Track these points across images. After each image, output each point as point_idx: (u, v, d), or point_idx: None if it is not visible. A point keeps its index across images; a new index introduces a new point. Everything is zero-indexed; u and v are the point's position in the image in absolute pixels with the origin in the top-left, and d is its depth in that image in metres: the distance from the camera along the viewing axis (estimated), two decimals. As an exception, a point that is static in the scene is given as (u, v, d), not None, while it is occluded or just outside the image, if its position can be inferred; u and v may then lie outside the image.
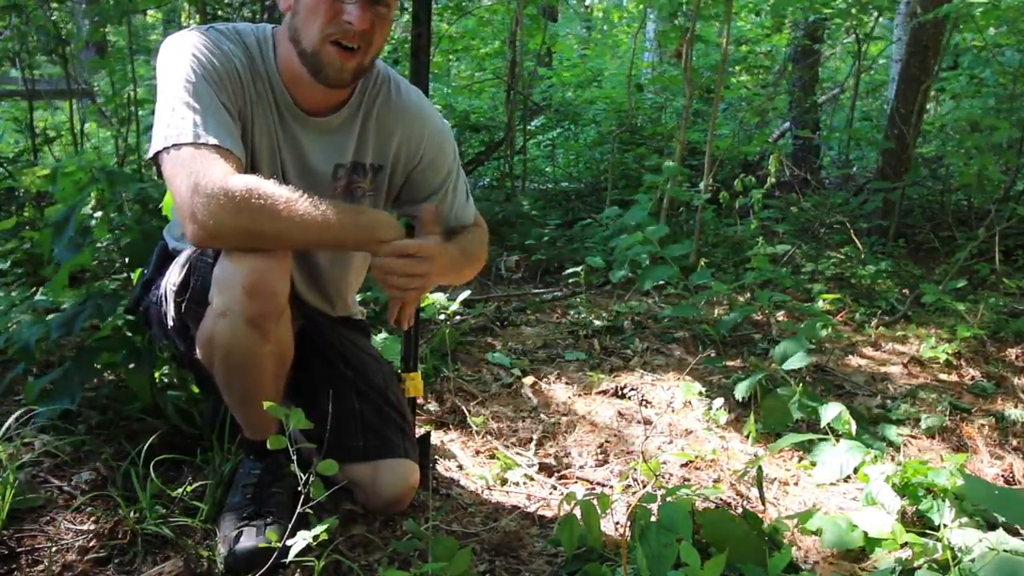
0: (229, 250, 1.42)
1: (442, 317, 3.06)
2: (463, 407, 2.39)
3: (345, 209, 1.48)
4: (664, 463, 2.05)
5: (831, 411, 2.16)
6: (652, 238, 3.11)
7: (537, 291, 3.87)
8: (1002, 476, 2.13)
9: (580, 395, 2.57)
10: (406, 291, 1.51)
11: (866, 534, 1.66)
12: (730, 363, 2.89)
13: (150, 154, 1.47)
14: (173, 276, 1.55)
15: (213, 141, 1.41)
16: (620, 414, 2.42)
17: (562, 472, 2.04)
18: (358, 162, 1.68)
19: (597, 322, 3.27)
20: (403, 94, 1.70)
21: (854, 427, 2.15)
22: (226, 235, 1.38)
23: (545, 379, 2.70)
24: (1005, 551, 1.45)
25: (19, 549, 1.48)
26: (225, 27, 1.59)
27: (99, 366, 2.10)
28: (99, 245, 2.16)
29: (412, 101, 1.71)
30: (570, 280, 3.93)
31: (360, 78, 1.58)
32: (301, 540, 1.38)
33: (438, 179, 1.73)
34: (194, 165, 1.38)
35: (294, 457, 1.43)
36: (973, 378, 2.89)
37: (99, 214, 2.04)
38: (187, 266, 1.52)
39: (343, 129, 1.65)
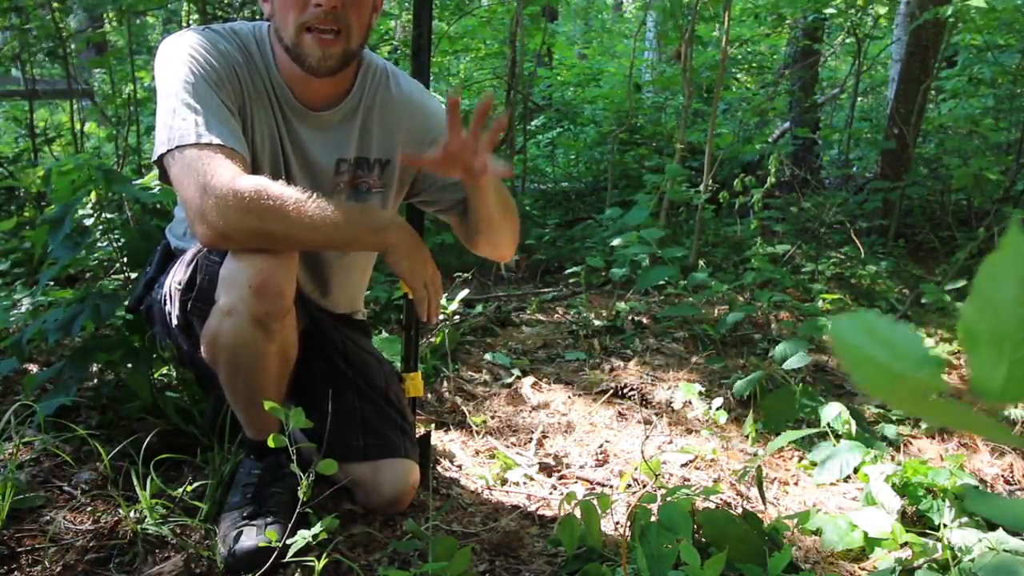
0: (236, 249, 1.42)
1: (442, 317, 3.06)
2: (463, 407, 2.39)
3: (353, 209, 1.49)
4: (664, 463, 2.04)
5: (831, 411, 2.16)
6: (649, 239, 3.11)
7: (537, 291, 3.87)
8: (1002, 476, 2.13)
9: (580, 395, 2.57)
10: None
11: (866, 534, 1.66)
12: (730, 363, 2.89)
13: (154, 157, 1.48)
14: (179, 274, 1.55)
15: (216, 141, 1.41)
16: (620, 414, 2.42)
17: (562, 472, 2.04)
18: (362, 157, 1.68)
19: (597, 322, 3.27)
20: (403, 87, 1.71)
21: (854, 427, 2.15)
22: (236, 236, 1.38)
23: (545, 379, 2.70)
24: (1005, 551, 1.45)
25: (19, 549, 1.48)
26: (221, 27, 1.59)
27: (96, 365, 2.11)
28: (99, 244, 2.16)
29: (413, 93, 1.72)
30: (570, 280, 3.93)
31: (348, 64, 1.57)
32: (301, 539, 1.38)
33: None
34: (200, 166, 1.38)
35: (294, 457, 1.43)
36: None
37: (93, 213, 2.04)
38: (193, 264, 1.52)
39: (344, 124, 1.65)
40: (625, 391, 2.60)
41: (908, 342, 0.37)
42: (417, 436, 1.86)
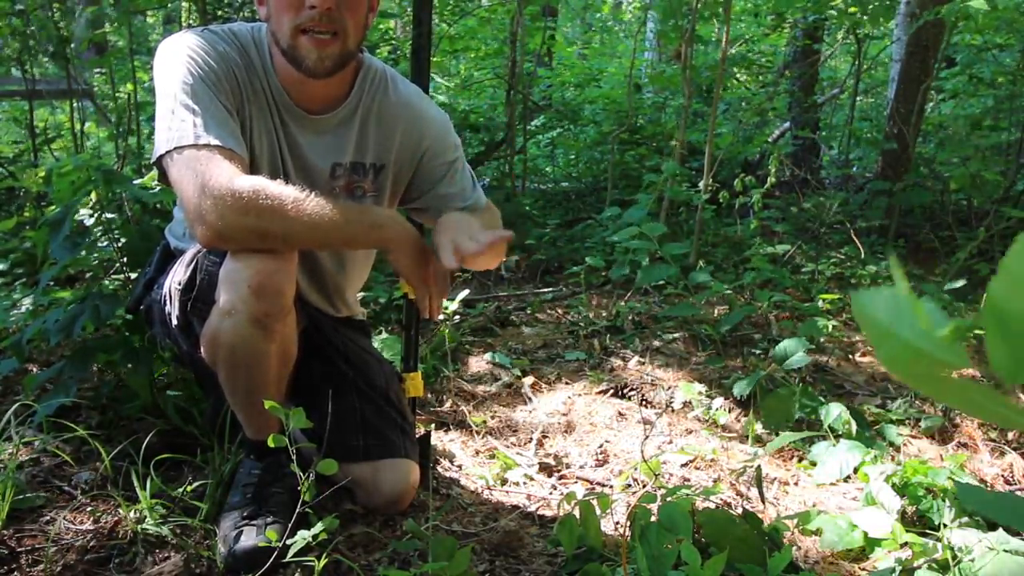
0: (235, 249, 1.42)
1: (442, 317, 3.06)
2: (463, 407, 2.39)
3: (352, 208, 1.49)
4: (664, 463, 2.04)
5: (831, 411, 2.16)
6: (650, 234, 3.10)
7: (537, 291, 3.87)
8: (1002, 476, 2.13)
9: (580, 395, 2.57)
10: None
11: (866, 534, 1.66)
12: (730, 363, 2.89)
13: (153, 158, 1.48)
14: (178, 274, 1.55)
15: (215, 141, 1.41)
16: (620, 414, 2.42)
17: (562, 472, 2.04)
18: (358, 162, 1.68)
19: (597, 322, 3.27)
20: (401, 91, 1.71)
21: (854, 427, 2.15)
22: (235, 236, 1.39)
23: (545, 379, 2.70)
24: (1005, 551, 1.45)
25: (19, 549, 1.49)
26: (220, 28, 1.59)
27: (96, 365, 2.11)
28: (99, 244, 2.16)
29: (412, 98, 1.72)
30: (570, 280, 3.93)
31: (345, 66, 1.57)
32: (301, 539, 1.38)
33: (443, 167, 1.73)
34: (199, 167, 1.39)
35: (294, 457, 1.43)
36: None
37: (93, 213, 2.04)
38: (193, 264, 1.52)
39: (342, 128, 1.65)
40: (625, 391, 2.60)
41: (933, 319, 0.36)
42: (417, 436, 1.86)
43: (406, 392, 1.87)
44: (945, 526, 1.64)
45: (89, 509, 1.63)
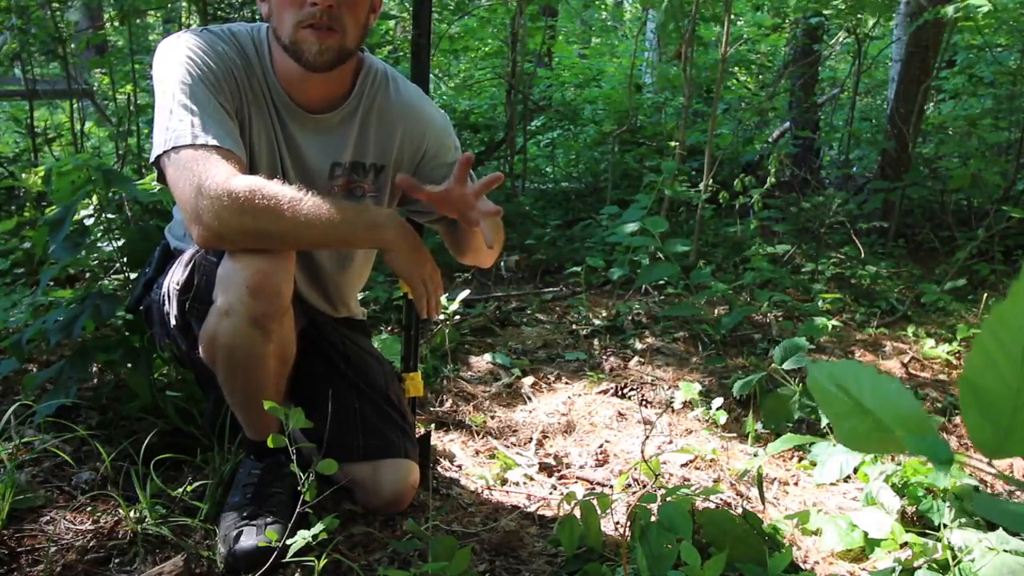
0: (233, 250, 1.42)
1: (442, 317, 3.06)
2: (463, 407, 2.39)
3: (349, 207, 1.49)
4: (664, 463, 2.04)
5: (831, 411, 2.16)
6: (653, 230, 3.09)
7: (537, 291, 3.87)
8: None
9: (580, 395, 2.57)
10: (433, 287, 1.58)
11: (866, 534, 1.66)
12: (730, 363, 2.89)
13: (151, 158, 1.48)
14: (177, 275, 1.55)
15: (212, 142, 1.41)
16: (620, 414, 2.42)
17: (562, 472, 2.04)
18: (358, 162, 1.68)
19: (597, 322, 3.27)
20: (403, 92, 1.70)
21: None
22: (231, 236, 1.38)
23: (545, 379, 2.70)
24: (1005, 551, 1.45)
25: (19, 549, 1.48)
26: (219, 28, 1.59)
27: (96, 365, 2.11)
28: (99, 245, 2.16)
29: (412, 98, 1.71)
30: (570, 280, 3.93)
31: (343, 62, 1.56)
32: (301, 539, 1.39)
33: (442, 169, 1.72)
34: (196, 167, 1.39)
35: (294, 457, 1.43)
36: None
37: (92, 213, 2.04)
38: (191, 264, 1.52)
39: (342, 127, 1.65)
40: (625, 391, 2.60)
41: (898, 398, 0.36)
42: (417, 436, 1.86)
43: (406, 392, 1.87)
44: (945, 526, 1.64)
45: (89, 509, 1.63)
